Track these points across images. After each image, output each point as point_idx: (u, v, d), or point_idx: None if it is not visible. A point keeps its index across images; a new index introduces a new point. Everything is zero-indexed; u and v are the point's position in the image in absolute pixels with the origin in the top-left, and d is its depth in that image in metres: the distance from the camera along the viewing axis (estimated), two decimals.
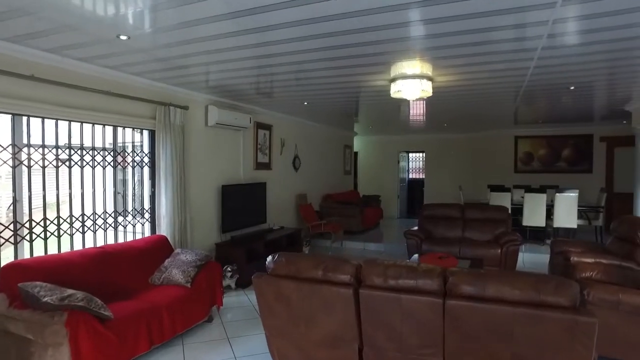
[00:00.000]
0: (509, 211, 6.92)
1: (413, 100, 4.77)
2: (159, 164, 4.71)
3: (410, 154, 13.54)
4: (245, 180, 6.50)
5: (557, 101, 6.52)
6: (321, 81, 4.98)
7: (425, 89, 4.46)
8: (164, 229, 4.71)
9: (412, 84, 4.44)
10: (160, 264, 4.10)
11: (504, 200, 8.00)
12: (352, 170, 11.68)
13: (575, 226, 7.59)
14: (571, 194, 7.55)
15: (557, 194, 7.63)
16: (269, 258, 2.98)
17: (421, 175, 14.23)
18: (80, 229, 4.03)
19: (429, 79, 4.45)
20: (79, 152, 4.01)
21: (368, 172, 12.54)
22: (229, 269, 5.18)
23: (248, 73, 4.45)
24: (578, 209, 7.45)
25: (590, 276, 4.16)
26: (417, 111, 7.68)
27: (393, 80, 4.60)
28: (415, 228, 6.90)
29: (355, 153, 12.35)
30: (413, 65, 4.11)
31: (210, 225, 5.74)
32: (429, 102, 6.27)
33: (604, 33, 3.11)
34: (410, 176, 13.87)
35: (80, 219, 4.02)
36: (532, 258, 7.02)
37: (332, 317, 2.71)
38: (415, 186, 13.90)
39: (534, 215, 7.68)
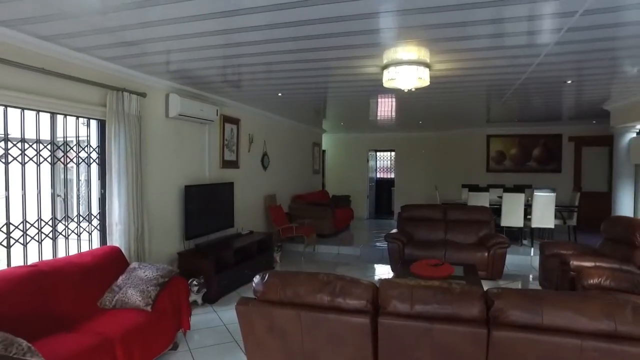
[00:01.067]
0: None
1: (407, 90, 4.27)
2: (110, 160, 3.92)
3: (378, 153, 13.22)
4: (210, 180, 5.77)
5: (542, 99, 6.32)
6: (297, 74, 4.46)
7: (421, 76, 3.98)
8: (116, 239, 3.92)
9: (407, 70, 3.95)
10: (113, 282, 3.35)
11: (482, 200, 7.76)
12: (320, 169, 11.15)
13: (553, 226, 7.47)
14: (549, 194, 7.42)
15: (535, 193, 7.48)
16: (257, 278, 2.35)
17: (389, 175, 13.97)
18: (4, 242, 3.19)
19: (426, 65, 3.97)
20: (1, 144, 3.16)
21: (336, 171, 12.05)
22: (194, 282, 4.47)
23: (213, 54, 3.78)
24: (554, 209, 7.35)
25: (598, 283, 3.87)
26: (388, 107, 7.27)
27: (386, 67, 4.10)
28: (395, 231, 6.46)
29: (323, 151, 11.83)
30: (409, 50, 3.62)
31: (172, 232, 4.98)
32: (406, 97, 5.86)
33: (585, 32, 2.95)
34: (378, 175, 13.56)
35: (3, 229, 3.18)
36: (513, 260, 6.78)
37: (342, 354, 2.14)
38: (383, 186, 13.62)
39: (512, 215, 7.49)
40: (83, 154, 3.96)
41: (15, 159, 3.24)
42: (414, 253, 5.97)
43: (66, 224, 3.77)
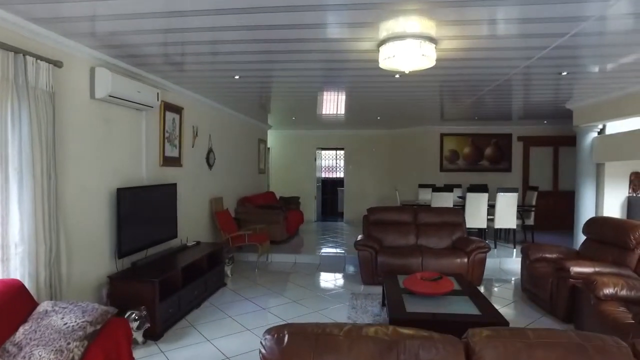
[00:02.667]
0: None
1: (408, 72, 3.57)
2: (4, 152, 2.72)
3: (323, 151, 12.56)
4: (149, 181, 4.63)
5: (516, 96, 6.06)
6: (250, 58, 3.56)
7: (426, 53, 3.30)
8: (16, 267, 2.73)
9: (408, 46, 3.25)
10: (7, 338, 2.22)
11: (445, 201, 7.39)
12: (265, 168, 10.19)
13: (515, 226, 7.32)
14: (512, 194, 7.25)
15: (498, 193, 7.27)
16: (268, 339, 1.46)
17: (334, 174, 13.40)
18: None
19: (432, 40, 3.30)
20: None
21: (282, 170, 11.17)
22: (134, 316, 3.37)
23: (152, 25, 2.90)
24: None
25: (615, 293, 3.48)
26: (348, 100, 6.63)
27: (382, 43, 3.36)
28: (361, 237, 5.79)
29: (267, 149, 10.87)
30: (410, 19, 2.93)
31: (100, 249, 3.81)
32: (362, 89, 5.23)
33: None
34: (323, 175, 12.91)
35: None
36: None
37: None
38: (327, 186, 13.02)
39: (475, 216, 7.20)
40: None
41: None
42: (388, 262, 5.34)
43: None
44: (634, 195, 6.26)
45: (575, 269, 4.07)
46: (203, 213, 6.27)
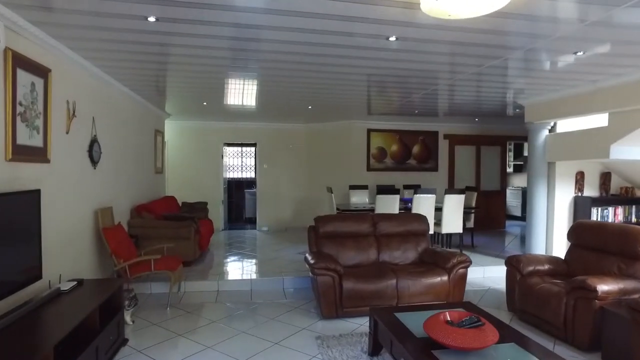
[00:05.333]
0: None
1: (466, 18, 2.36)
2: None
3: (227, 148, 10.83)
4: None
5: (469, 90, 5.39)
6: None
7: None
8: None
9: None
10: None
11: (392, 204, 6.46)
12: (163, 167, 8.14)
13: (462, 230, 6.73)
14: (459, 195, 6.64)
15: (446, 195, 6.59)
16: None
17: (241, 174, 11.76)
18: None
19: None
20: None
21: (181, 170, 9.15)
22: None
23: None
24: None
25: None
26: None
27: None
28: (310, 256, 4.47)
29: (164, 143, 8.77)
30: None
31: None
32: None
33: None
34: (228, 175, 11.18)
35: None
36: None
37: None
38: (233, 188, 11.34)
39: None
40: None
41: None
42: (356, 288, 4.12)
43: None
44: (579, 194, 6.08)
45: (603, 288, 3.35)
46: (85, 232, 4.25)
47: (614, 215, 6.02)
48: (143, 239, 5.39)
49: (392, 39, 3.38)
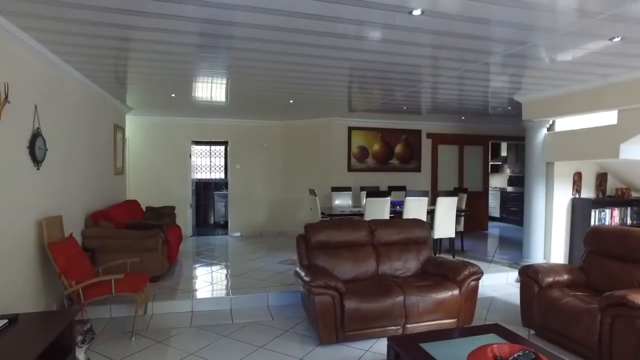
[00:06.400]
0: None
1: None
2: None
3: (196, 146, 10.01)
4: None
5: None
6: None
7: None
8: None
9: None
10: None
11: (382, 208, 5.94)
12: (124, 167, 7.24)
13: (454, 235, 6.31)
14: (452, 198, 6.23)
15: (439, 197, 6.15)
16: None
17: (210, 175, 10.93)
18: None
19: None
20: None
21: (144, 170, 8.24)
22: None
23: None
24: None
25: None
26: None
27: None
28: (301, 270, 3.88)
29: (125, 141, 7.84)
30: None
31: None
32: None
33: None
34: (196, 176, 10.33)
35: None
36: None
37: None
38: (201, 190, 10.50)
39: None
40: None
41: None
42: (361, 309, 3.56)
43: None
44: (577, 196, 5.81)
45: None
46: (24, 249, 3.42)
47: (611, 217, 5.79)
48: (101, 252, 4.57)
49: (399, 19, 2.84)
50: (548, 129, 5.72)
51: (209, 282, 5.30)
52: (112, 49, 3.69)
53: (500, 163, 11.17)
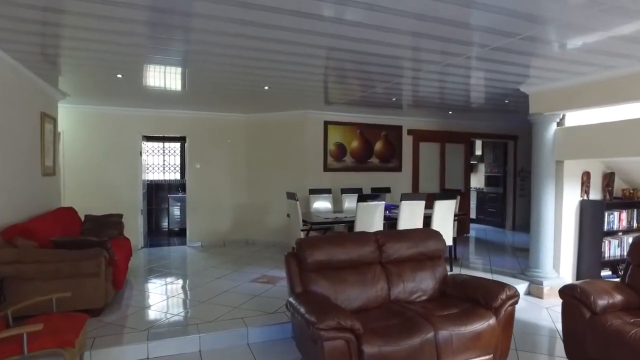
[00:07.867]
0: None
1: None
2: None
3: (147, 143, 8.72)
4: None
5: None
6: None
7: None
8: None
9: None
10: None
11: (374, 214, 5.11)
12: (56, 167, 5.90)
13: (452, 242, 5.62)
14: (451, 201, 5.52)
15: (437, 201, 5.42)
16: None
17: (163, 176, 9.66)
18: None
19: None
20: None
21: (85, 171, 6.88)
22: None
23: None
24: None
25: None
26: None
27: None
28: (294, 301, 2.99)
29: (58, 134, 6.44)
30: None
31: None
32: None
33: None
34: (148, 177, 9.04)
35: None
36: None
37: None
38: (154, 192, 9.26)
39: None
40: None
41: None
42: (386, 353, 2.67)
43: None
44: (585, 198, 5.28)
45: None
46: None
47: (619, 220, 5.32)
48: (16, 283, 3.36)
49: None
50: (558, 124, 5.14)
51: (168, 313, 4.19)
52: (36, 9, 2.55)
53: (475, 162, 10.73)
